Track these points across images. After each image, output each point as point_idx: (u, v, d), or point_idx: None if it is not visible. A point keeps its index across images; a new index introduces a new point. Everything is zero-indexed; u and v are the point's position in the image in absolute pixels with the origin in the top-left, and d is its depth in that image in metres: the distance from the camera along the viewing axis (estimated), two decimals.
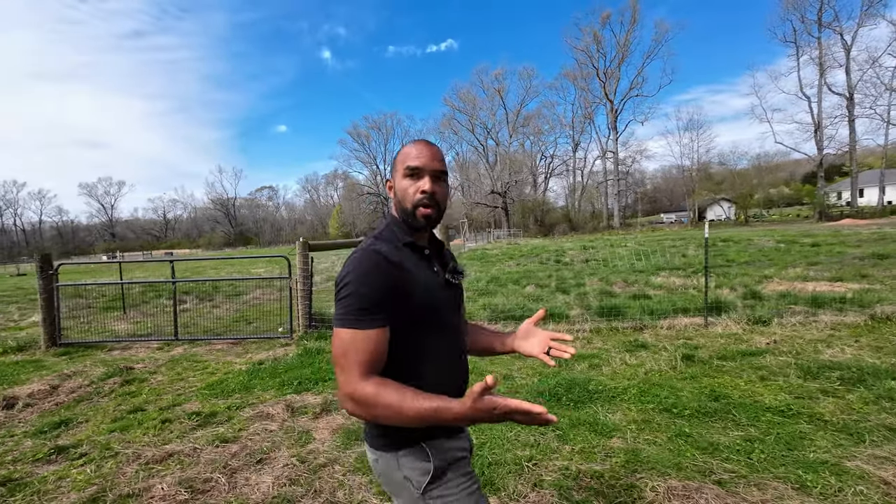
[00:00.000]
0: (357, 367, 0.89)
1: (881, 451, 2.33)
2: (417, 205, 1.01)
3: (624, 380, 3.65)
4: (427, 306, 0.99)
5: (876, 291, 6.21)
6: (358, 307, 0.90)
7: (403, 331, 0.96)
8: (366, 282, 0.91)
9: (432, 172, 1.01)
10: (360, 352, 0.89)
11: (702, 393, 3.25)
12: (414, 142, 1.06)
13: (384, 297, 0.91)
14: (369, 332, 0.90)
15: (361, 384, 0.88)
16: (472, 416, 0.83)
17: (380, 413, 0.87)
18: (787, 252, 12.48)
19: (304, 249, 5.74)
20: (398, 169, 1.04)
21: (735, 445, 2.49)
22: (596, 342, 4.87)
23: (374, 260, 0.93)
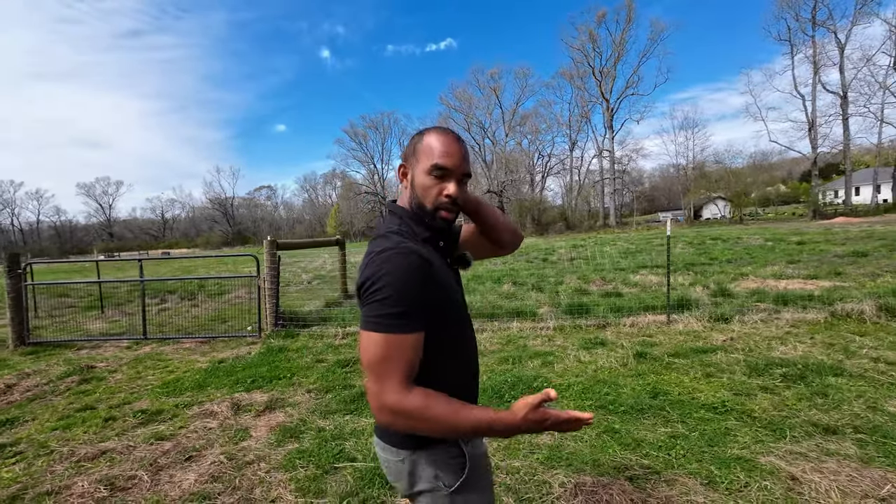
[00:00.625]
0: (397, 375, 0.83)
1: (798, 447, 2.34)
2: (440, 208, 0.95)
3: (572, 377, 3.67)
4: (452, 303, 0.97)
5: (845, 289, 6.24)
6: (397, 310, 0.83)
7: (434, 330, 0.91)
8: (404, 282, 0.84)
9: (461, 176, 0.96)
10: (400, 359, 0.83)
11: (643, 390, 3.27)
12: (440, 133, 0.97)
13: (423, 300, 0.86)
14: (410, 336, 0.84)
15: (407, 396, 0.82)
16: (525, 427, 0.82)
17: (429, 426, 0.83)
18: (771, 250, 12.50)
19: (272, 248, 5.75)
20: (420, 161, 0.96)
21: (659, 442, 2.50)
22: (557, 340, 4.88)
23: (410, 259, 0.86)
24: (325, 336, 5.53)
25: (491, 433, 0.83)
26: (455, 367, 0.98)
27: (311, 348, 5.08)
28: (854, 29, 35.20)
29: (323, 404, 3.38)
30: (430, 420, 0.82)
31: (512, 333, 5.22)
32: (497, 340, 4.98)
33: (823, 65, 35.92)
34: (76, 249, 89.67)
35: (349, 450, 2.62)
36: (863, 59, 35.59)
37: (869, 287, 6.15)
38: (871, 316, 4.80)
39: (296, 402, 3.48)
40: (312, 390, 3.70)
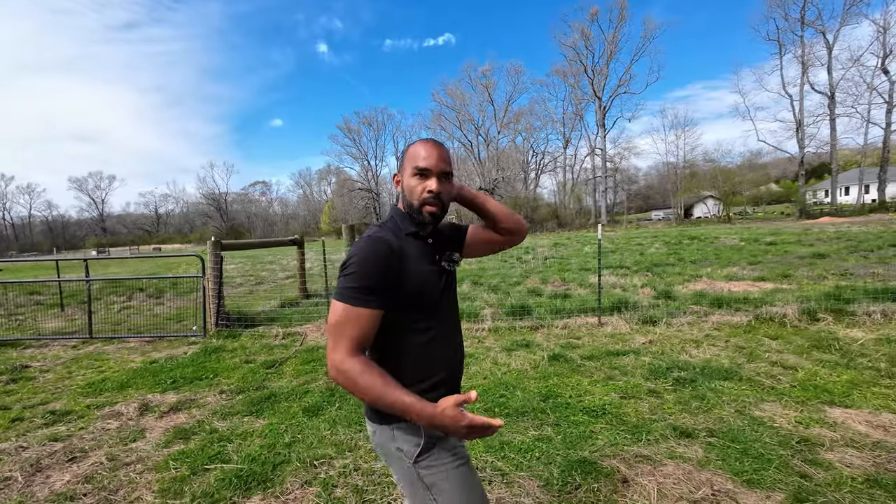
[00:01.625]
0: (347, 340, 0.98)
1: (647, 450, 2.44)
2: (424, 203, 1.10)
3: (479, 379, 3.76)
4: (422, 292, 1.08)
5: (783, 292, 6.35)
6: (357, 285, 0.99)
7: (398, 313, 1.05)
8: (367, 264, 1.01)
9: (439, 173, 1.10)
10: (352, 327, 0.99)
11: (538, 393, 3.36)
12: (423, 141, 1.13)
13: (382, 281, 1.01)
14: (363, 310, 0.99)
15: (349, 359, 0.97)
16: (439, 422, 0.93)
17: (359, 390, 0.96)
18: (740, 251, 12.63)
19: (215, 249, 5.81)
20: (406, 167, 1.13)
21: (522, 444, 2.59)
22: (487, 341, 4.97)
23: (377, 245, 1.03)
24: (265, 336, 5.61)
25: (407, 415, 0.95)
26: (415, 354, 1.09)
27: (247, 349, 5.15)
28: (842, 29, 35.35)
29: (229, 406, 3.46)
30: (361, 387, 0.95)
31: None
32: None
33: (811, 65, 36.05)
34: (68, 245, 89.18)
35: (229, 451, 2.70)
36: (851, 60, 35.78)
37: (806, 290, 6.27)
38: (792, 320, 4.91)
39: (204, 403, 3.55)
40: (227, 391, 3.78)
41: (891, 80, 34.88)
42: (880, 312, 4.90)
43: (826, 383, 3.23)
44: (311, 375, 4.09)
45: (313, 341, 5.32)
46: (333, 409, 3.26)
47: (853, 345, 4.05)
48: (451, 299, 1.21)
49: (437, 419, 0.93)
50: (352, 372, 0.96)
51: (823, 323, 4.79)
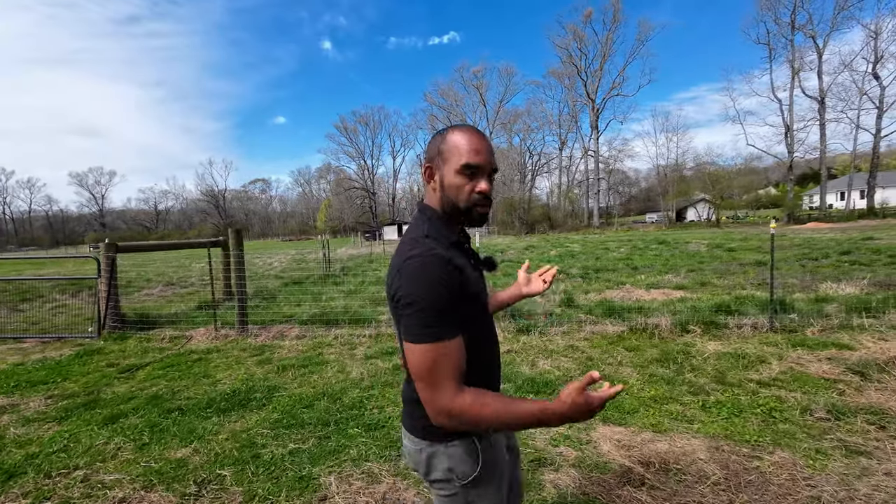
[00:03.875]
0: (449, 380, 0.88)
1: (374, 466, 2.43)
2: (475, 204, 0.99)
3: (308, 388, 3.75)
4: (481, 304, 1.02)
5: (686, 301, 6.31)
6: (438, 317, 0.88)
7: (468, 330, 0.96)
8: (440, 292, 0.88)
9: (490, 171, 0.99)
10: (449, 365, 0.88)
11: (352, 403, 3.35)
12: (467, 130, 0.99)
13: (458, 303, 0.91)
14: (454, 341, 0.89)
15: (459, 397, 0.87)
16: (573, 414, 0.84)
17: (483, 422, 0.87)
18: (692, 257, 12.56)
19: (109, 251, 5.83)
20: (449, 161, 0.98)
21: (289, 451, 2.59)
22: (359, 348, 4.95)
23: (441, 265, 0.90)
24: (152, 339, 5.63)
25: (540, 424, 0.86)
26: (483, 364, 1.03)
27: (125, 352, 5.17)
28: (833, 34, 35.08)
29: (43, 412, 3.47)
30: (484, 417, 0.86)
31: (325, 340, 5.30)
32: (304, 347, 5.07)
33: (801, 69, 35.79)
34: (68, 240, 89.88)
35: None
36: (842, 65, 35.50)
37: (701, 300, 6.22)
38: (663, 331, 4.88)
39: (23, 408, 3.57)
40: (57, 396, 3.79)
41: (881, 85, 34.62)
42: (750, 325, 4.87)
43: (629, 399, 3.21)
44: (156, 381, 4.09)
45: (194, 345, 5.33)
46: (136, 417, 3.27)
47: (697, 358, 4.02)
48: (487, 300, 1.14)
49: (570, 412, 0.84)
50: (470, 409, 0.86)
51: (691, 335, 4.76)
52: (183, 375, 4.21)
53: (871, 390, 3.12)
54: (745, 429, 2.70)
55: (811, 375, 3.46)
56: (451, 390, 0.87)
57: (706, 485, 2.17)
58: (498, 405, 0.86)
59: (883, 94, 34.40)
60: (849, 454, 2.37)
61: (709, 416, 2.92)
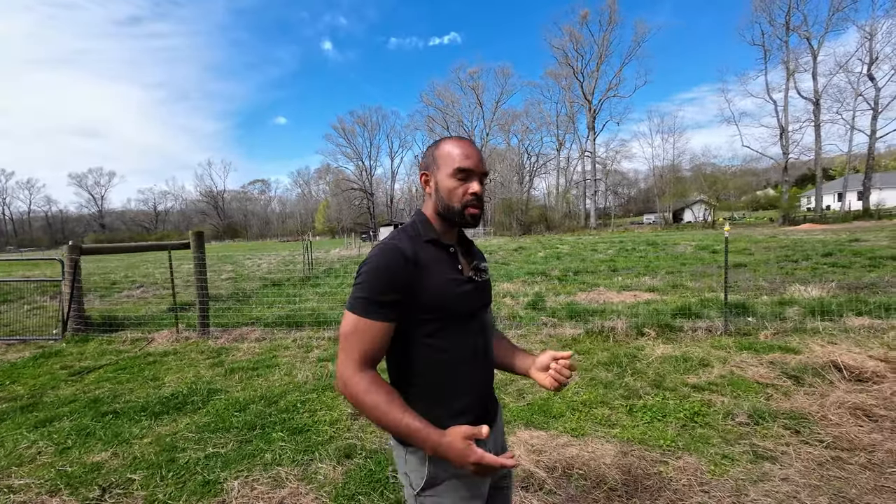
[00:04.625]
0: (356, 353, 0.93)
1: (277, 471, 2.44)
2: (467, 205, 1.03)
3: (249, 391, 3.75)
4: (444, 304, 0.99)
5: (653, 303, 6.30)
6: (368, 297, 0.94)
7: (415, 327, 0.98)
8: (380, 275, 0.94)
9: (481, 175, 1.04)
10: (361, 340, 0.93)
11: (290, 405, 3.35)
12: (458, 140, 1.06)
13: (395, 294, 0.94)
14: (373, 323, 0.94)
15: (357, 375, 0.92)
16: (444, 452, 0.88)
17: (363, 408, 0.91)
18: (676, 259, 12.56)
19: (73, 253, 5.85)
20: (443, 167, 1.04)
21: (201, 453, 2.60)
22: (314, 351, 4.96)
23: (389, 254, 0.96)
24: (115, 341, 5.64)
25: (411, 441, 0.91)
26: (434, 375, 1.00)
27: (85, 354, 5.18)
28: (828, 35, 35.09)
29: None
30: (365, 405, 0.90)
31: (283, 342, 5.31)
32: (261, 350, 5.07)
33: (795, 70, 35.77)
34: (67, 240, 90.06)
35: None
36: (837, 66, 35.50)
37: (667, 302, 6.22)
38: (619, 334, 4.88)
39: None
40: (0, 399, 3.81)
41: (876, 86, 34.59)
42: (704, 329, 4.87)
43: (559, 402, 3.21)
44: (103, 384, 4.10)
45: (154, 348, 5.34)
46: (69, 420, 3.27)
47: (642, 362, 4.02)
48: (483, 315, 1.10)
49: (443, 449, 0.87)
50: (357, 388, 0.91)
51: (645, 339, 4.76)
52: (132, 378, 4.22)
53: (799, 395, 3.12)
54: (663, 433, 2.70)
55: (747, 379, 3.46)
56: (354, 364, 0.92)
57: (602, 490, 2.17)
58: (381, 400, 0.90)
59: (878, 95, 34.39)
60: (755, 459, 2.37)
61: (633, 420, 2.92)
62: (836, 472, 2.20)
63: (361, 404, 0.91)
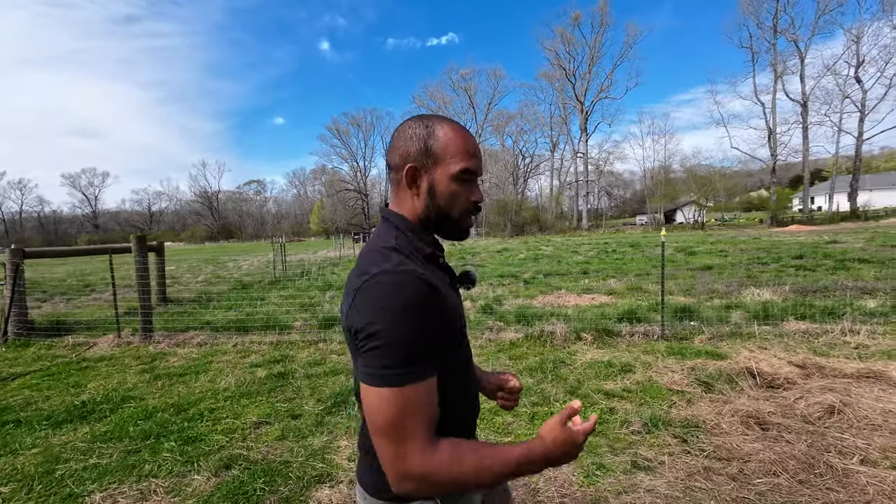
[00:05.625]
0: (422, 432, 0.68)
1: None
2: (468, 214, 0.85)
3: (165, 398, 3.70)
4: (459, 330, 0.82)
5: (605, 307, 6.29)
6: (408, 355, 0.68)
7: (444, 365, 0.76)
8: (412, 320, 0.68)
9: (481, 175, 0.86)
10: (420, 413, 0.68)
11: (192, 410, 3.32)
12: (459, 129, 0.83)
13: (431, 334, 0.71)
14: (427, 382, 0.70)
15: (434, 454, 0.68)
16: (558, 453, 0.72)
17: (458, 483, 0.69)
18: (650, 261, 12.57)
19: (14, 257, 5.78)
20: (443, 164, 0.81)
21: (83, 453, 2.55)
22: (251, 357, 4.91)
23: (415, 287, 0.70)
24: (56, 346, 5.58)
25: (521, 472, 0.72)
26: (462, 400, 0.85)
27: (20, 360, 5.12)
28: (815, 38, 35.31)
29: None
30: (461, 476, 0.69)
31: (224, 347, 5.26)
32: (198, 355, 5.02)
33: (783, 73, 35.97)
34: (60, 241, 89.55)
35: None
36: (824, 68, 35.71)
37: (618, 306, 6.20)
38: (557, 338, 4.86)
39: None
40: None
41: (863, 89, 34.81)
42: (642, 333, 4.85)
43: None
44: (23, 391, 4.04)
45: (93, 353, 5.28)
46: None
47: (569, 367, 3.99)
48: None
49: (556, 451, 0.72)
50: (443, 466, 0.68)
51: (582, 343, 4.74)
52: (54, 385, 4.17)
53: (704, 402, 3.10)
54: None
55: (660, 386, 3.43)
56: (425, 445, 0.68)
57: None
58: (476, 459, 0.70)
59: (865, 97, 34.60)
60: (631, 469, 2.35)
61: (531, 428, 2.89)
62: (702, 483, 2.18)
63: (455, 480, 0.69)
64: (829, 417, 2.79)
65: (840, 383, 3.21)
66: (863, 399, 2.95)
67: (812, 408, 2.88)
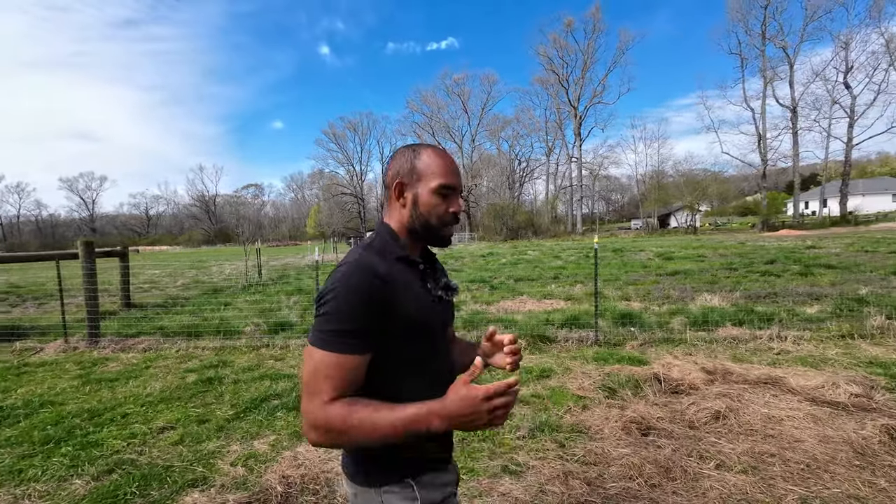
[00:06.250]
0: (326, 392, 0.79)
1: None
2: (447, 224, 0.97)
3: (85, 403, 3.75)
4: (416, 327, 0.90)
5: (557, 312, 6.34)
6: (339, 328, 0.80)
7: (388, 352, 0.87)
8: (350, 299, 0.81)
9: (460, 191, 0.99)
10: (333, 377, 0.79)
11: (106, 411, 3.36)
12: (440, 152, 0.97)
13: (369, 320, 0.82)
14: (348, 356, 0.80)
15: (330, 407, 0.78)
16: (460, 410, 0.76)
17: (352, 434, 0.78)
18: (624, 266, 12.62)
19: None
20: (425, 180, 0.94)
21: None
22: (191, 362, 4.95)
23: (362, 275, 0.83)
24: (3, 351, 5.62)
25: (417, 428, 0.77)
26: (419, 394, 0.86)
27: None
28: (803, 45, 35.57)
29: None
30: (352, 427, 0.77)
31: (167, 352, 5.31)
32: (139, 360, 5.06)
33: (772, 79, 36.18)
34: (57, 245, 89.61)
35: None
36: (813, 74, 35.95)
37: (568, 311, 6.25)
38: None
39: None
40: None
41: (852, 94, 35.02)
42: (576, 339, 4.90)
43: None
44: None
45: (39, 358, 5.33)
46: None
47: (491, 373, 4.04)
48: (449, 334, 1.06)
49: (457, 409, 0.75)
50: (336, 419, 0.77)
51: None
52: None
53: (600, 408, 3.15)
54: None
55: (568, 392, 3.48)
56: (325, 402, 0.78)
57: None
58: (366, 412, 0.78)
59: (854, 103, 34.80)
60: (499, 473, 2.39)
61: None
62: (556, 488, 2.23)
63: (347, 431, 0.77)
64: (714, 423, 2.84)
65: (737, 389, 3.26)
66: (751, 405, 3.01)
67: (700, 413, 2.93)
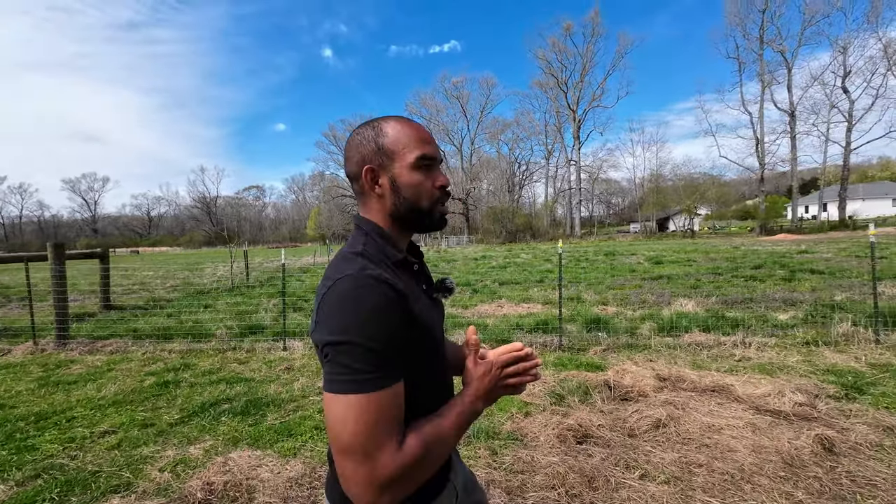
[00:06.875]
0: (392, 438, 0.65)
1: None
2: (438, 202, 0.82)
3: (35, 406, 3.74)
4: (428, 334, 0.79)
5: (532, 316, 6.31)
6: (377, 360, 0.65)
7: (413, 373, 0.75)
8: (379, 322, 0.66)
9: (441, 160, 0.83)
10: (390, 419, 0.65)
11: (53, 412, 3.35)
12: (405, 120, 0.82)
13: (401, 341, 0.69)
14: (396, 387, 0.67)
15: (404, 452, 0.65)
16: (485, 388, 0.77)
17: (426, 464, 0.69)
18: (610, 270, 12.58)
19: None
20: (399, 157, 0.79)
21: None
22: (157, 364, 4.94)
23: (380, 292, 0.68)
24: None
25: (471, 419, 0.77)
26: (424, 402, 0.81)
27: None
28: (801, 49, 35.53)
29: None
30: (431, 454, 0.69)
31: (134, 355, 5.30)
32: (103, 363, 5.05)
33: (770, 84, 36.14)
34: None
35: None
36: (812, 78, 35.88)
37: (540, 315, 6.23)
38: None
39: None
40: None
41: (850, 99, 34.93)
42: (541, 344, 4.88)
43: (308, 423, 3.21)
44: None
45: (5, 360, 5.33)
46: None
47: None
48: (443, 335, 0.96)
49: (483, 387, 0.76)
50: (410, 457, 0.66)
51: None
52: None
53: (543, 415, 3.12)
54: None
55: (516, 398, 3.45)
56: (393, 449, 0.64)
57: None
58: (429, 429, 0.71)
59: (852, 107, 34.71)
60: None
61: None
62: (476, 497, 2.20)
63: (426, 461, 0.68)
64: (654, 431, 2.81)
65: (684, 397, 3.23)
66: (694, 413, 2.97)
67: (642, 421, 2.90)
